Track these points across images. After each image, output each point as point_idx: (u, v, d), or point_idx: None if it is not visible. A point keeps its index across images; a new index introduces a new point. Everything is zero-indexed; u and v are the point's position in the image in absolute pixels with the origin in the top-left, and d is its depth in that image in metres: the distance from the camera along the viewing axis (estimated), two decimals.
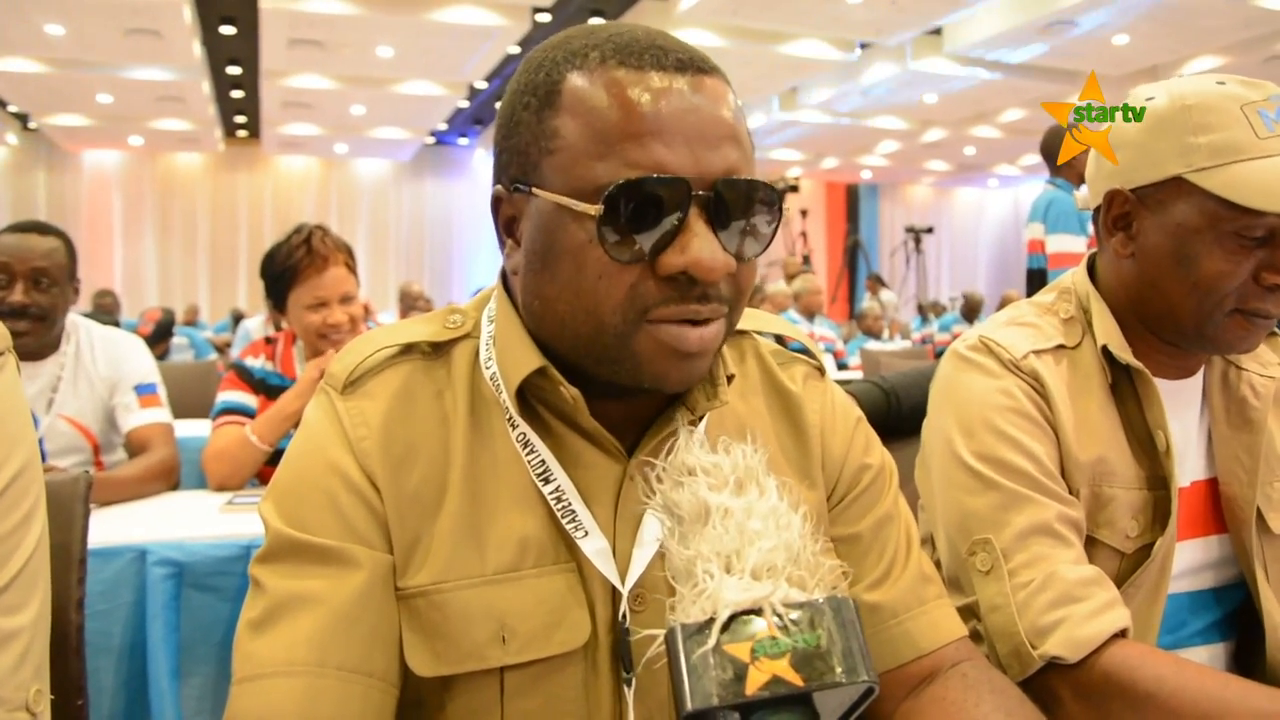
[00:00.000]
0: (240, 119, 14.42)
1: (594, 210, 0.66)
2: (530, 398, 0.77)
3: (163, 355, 6.27)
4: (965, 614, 0.93)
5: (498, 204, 0.77)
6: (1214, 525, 1.11)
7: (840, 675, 0.48)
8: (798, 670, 0.48)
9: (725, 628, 0.50)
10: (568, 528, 0.75)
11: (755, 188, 0.70)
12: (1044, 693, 0.91)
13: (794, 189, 13.76)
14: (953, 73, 10.46)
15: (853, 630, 0.50)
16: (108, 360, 2.19)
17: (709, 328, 0.71)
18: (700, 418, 0.78)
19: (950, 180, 19.11)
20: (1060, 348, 1.09)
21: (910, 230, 15.17)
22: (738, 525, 0.55)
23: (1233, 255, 0.98)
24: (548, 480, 0.76)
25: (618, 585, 0.75)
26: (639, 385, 0.72)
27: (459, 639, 0.72)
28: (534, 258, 0.72)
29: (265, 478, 2.19)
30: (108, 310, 7.76)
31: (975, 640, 0.92)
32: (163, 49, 9.51)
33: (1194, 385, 1.13)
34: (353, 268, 2.26)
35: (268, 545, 0.73)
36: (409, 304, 8.31)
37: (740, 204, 0.69)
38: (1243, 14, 8.49)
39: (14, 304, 2.01)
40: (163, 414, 2.20)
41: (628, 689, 0.74)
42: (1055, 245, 3.89)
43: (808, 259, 13.85)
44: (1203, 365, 1.13)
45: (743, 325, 0.90)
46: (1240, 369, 1.14)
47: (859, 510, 0.87)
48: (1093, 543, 1.03)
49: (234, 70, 11.42)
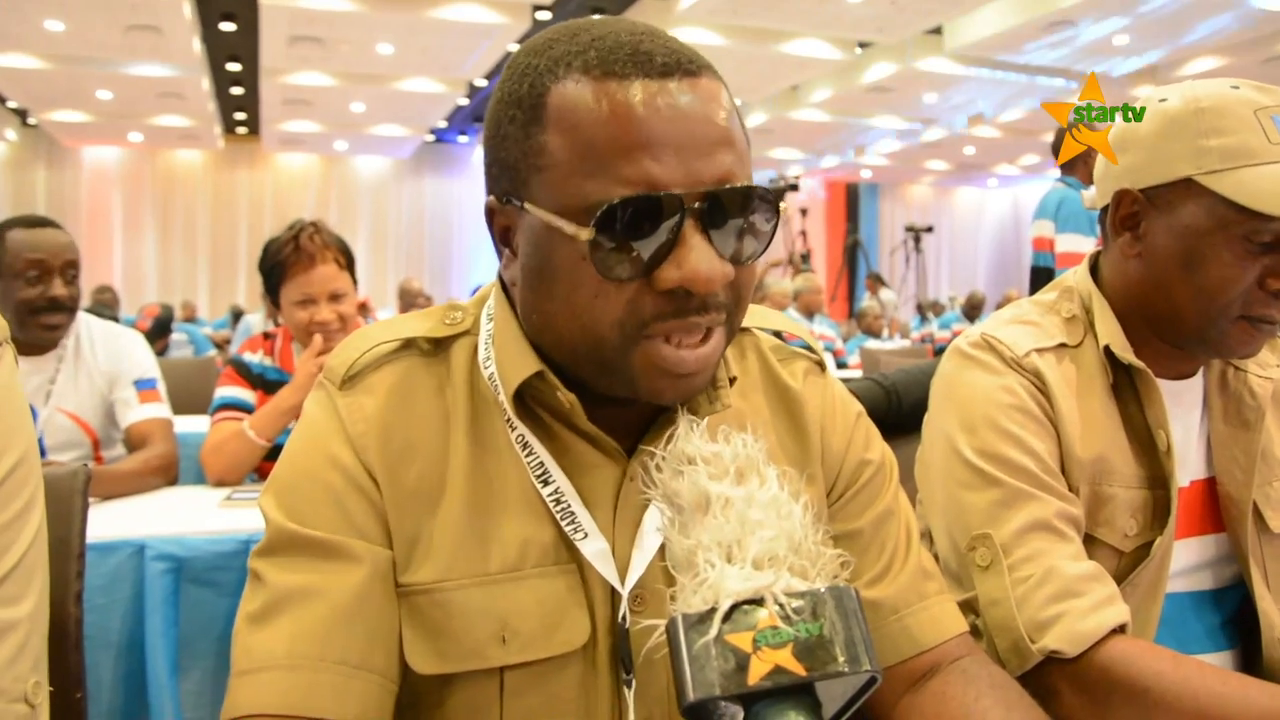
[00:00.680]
0: (240, 116, 14.42)
1: (585, 234, 0.65)
2: (529, 399, 0.76)
3: (162, 351, 6.28)
4: (964, 609, 0.93)
5: (492, 214, 0.76)
6: (1212, 524, 1.11)
7: (843, 664, 0.48)
8: (800, 660, 0.48)
9: (727, 618, 0.49)
10: (567, 530, 0.75)
11: (750, 193, 0.68)
12: (1043, 687, 0.90)
13: (794, 188, 13.73)
14: (953, 72, 10.46)
15: (855, 619, 0.49)
16: (108, 355, 2.19)
17: (706, 346, 0.70)
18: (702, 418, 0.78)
19: (950, 180, 19.12)
20: (1062, 346, 1.09)
21: (910, 229, 15.19)
22: (738, 514, 0.55)
23: (1240, 260, 0.98)
24: (547, 482, 0.75)
25: (617, 586, 0.75)
26: (636, 396, 0.72)
27: (460, 637, 0.72)
28: (530, 274, 0.71)
29: (264, 473, 2.19)
30: (107, 306, 7.76)
31: (974, 635, 0.92)
32: (163, 45, 9.51)
33: (1195, 385, 1.13)
34: (345, 265, 2.23)
35: (267, 539, 0.73)
36: (408, 301, 8.31)
37: (736, 207, 0.68)
38: (1243, 14, 8.49)
39: (54, 298, 2.03)
40: (162, 409, 2.20)
41: (627, 689, 0.74)
42: (1064, 245, 3.85)
43: (806, 257, 13.85)
44: (1203, 366, 1.13)
45: (745, 323, 0.90)
46: (1239, 369, 1.14)
47: (859, 506, 0.87)
48: (1092, 541, 1.03)
49: (234, 67, 11.42)
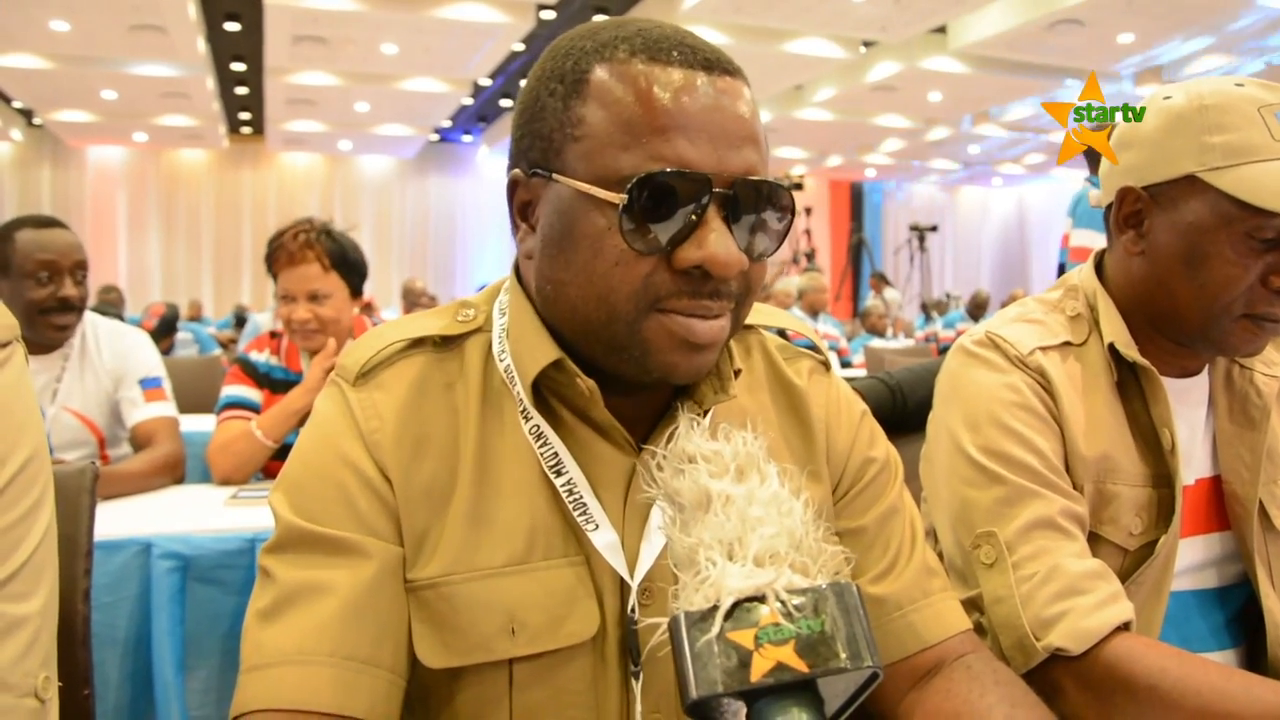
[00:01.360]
0: (244, 115, 14.44)
1: (617, 199, 0.67)
2: (544, 390, 0.77)
3: (167, 350, 6.29)
4: (968, 607, 0.93)
5: (514, 188, 0.77)
6: (1217, 522, 1.11)
7: (845, 661, 0.48)
8: (802, 656, 0.48)
9: (729, 615, 0.50)
10: (579, 520, 0.75)
11: (772, 188, 0.71)
12: (1047, 684, 0.91)
13: (798, 187, 13.73)
14: (957, 70, 10.43)
15: (856, 615, 0.49)
16: (113, 354, 2.20)
17: (718, 320, 0.72)
18: (707, 411, 0.79)
19: (954, 179, 19.07)
20: (1067, 345, 1.09)
21: (914, 228, 15.17)
22: (739, 512, 0.55)
23: (1243, 257, 0.98)
24: (560, 473, 0.76)
25: (627, 578, 0.75)
26: (647, 375, 0.72)
27: (468, 630, 0.73)
28: (550, 243, 0.73)
29: (270, 472, 2.20)
30: (113, 305, 7.77)
31: (978, 633, 0.92)
32: (167, 45, 9.51)
33: (1200, 383, 1.13)
34: (331, 267, 2.22)
35: (278, 536, 0.74)
36: (412, 301, 8.33)
37: (756, 203, 0.70)
38: (1247, 13, 8.46)
39: (64, 298, 2.04)
40: (168, 408, 2.20)
41: (635, 681, 0.75)
42: (1077, 240, 3.86)
43: (811, 255, 13.84)
44: (1208, 364, 1.13)
45: (749, 320, 0.90)
46: (1244, 368, 1.14)
47: (864, 504, 0.87)
48: (1096, 539, 1.03)
49: (238, 67, 11.43)
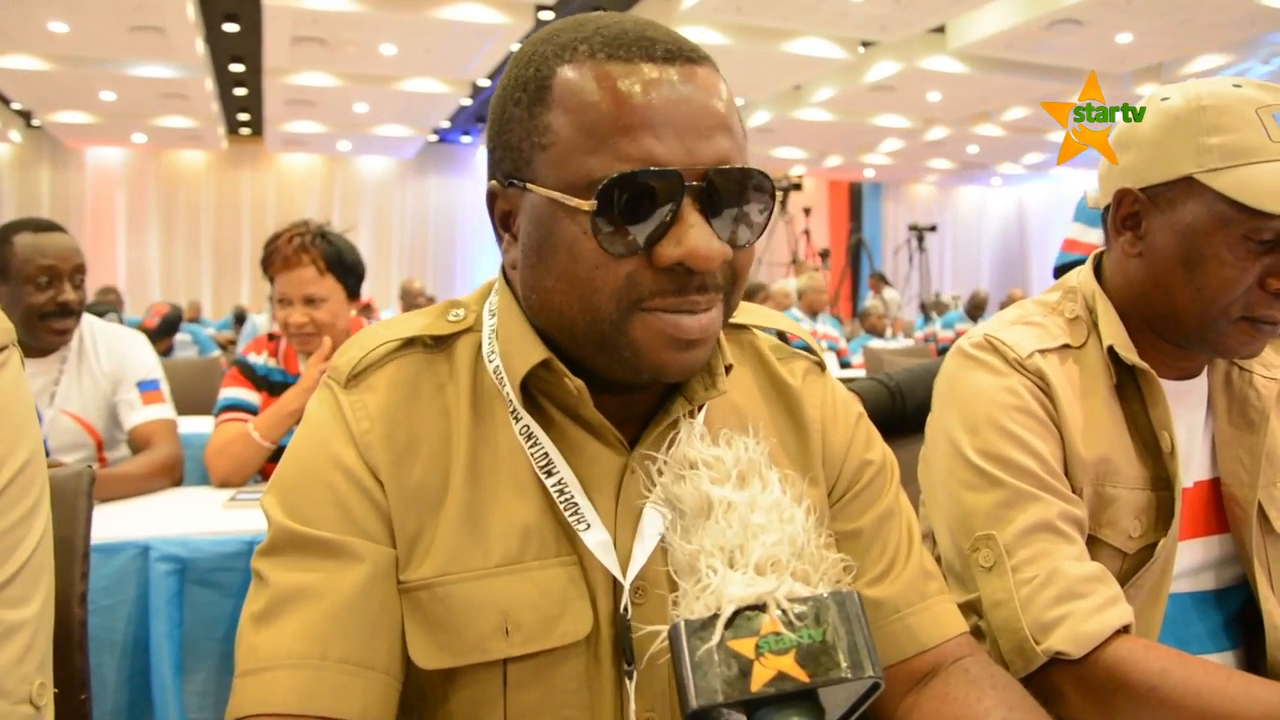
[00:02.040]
0: (243, 116, 14.42)
1: (587, 205, 0.67)
2: (533, 390, 0.77)
3: (166, 352, 6.27)
4: (967, 610, 0.93)
5: (493, 199, 0.77)
6: (1216, 525, 1.11)
7: (846, 671, 0.48)
8: (803, 666, 0.48)
9: (729, 624, 0.49)
10: (570, 520, 0.75)
11: (748, 175, 0.70)
12: (1047, 688, 0.91)
13: (797, 187, 13.72)
14: (956, 70, 10.43)
15: (858, 625, 0.49)
16: (110, 356, 2.19)
17: (708, 314, 0.71)
18: (699, 407, 0.78)
19: (953, 179, 19.08)
20: (1065, 347, 1.08)
21: (913, 228, 15.17)
22: (740, 519, 0.55)
23: (1240, 259, 0.97)
24: (550, 473, 0.76)
25: (619, 578, 0.75)
26: (639, 376, 0.72)
27: (462, 631, 0.73)
28: (530, 252, 0.73)
29: (268, 474, 2.19)
30: (112, 307, 7.76)
31: (977, 637, 0.92)
32: (166, 46, 9.50)
33: (1199, 386, 1.12)
34: (327, 270, 2.21)
35: (270, 538, 0.73)
36: (410, 301, 8.34)
37: (733, 192, 0.69)
38: (1247, 12, 8.46)
39: (64, 303, 2.04)
40: (166, 410, 2.20)
41: (629, 681, 0.75)
42: (1071, 233, 3.87)
43: (826, 254, 13.84)
44: (1207, 365, 1.13)
45: (745, 321, 0.90)
46: (1243, 370, 1.14)
47: (860, 506, 0.87)
48: (1095, 542, 1.03)
49: (237, 68, 11.42)
